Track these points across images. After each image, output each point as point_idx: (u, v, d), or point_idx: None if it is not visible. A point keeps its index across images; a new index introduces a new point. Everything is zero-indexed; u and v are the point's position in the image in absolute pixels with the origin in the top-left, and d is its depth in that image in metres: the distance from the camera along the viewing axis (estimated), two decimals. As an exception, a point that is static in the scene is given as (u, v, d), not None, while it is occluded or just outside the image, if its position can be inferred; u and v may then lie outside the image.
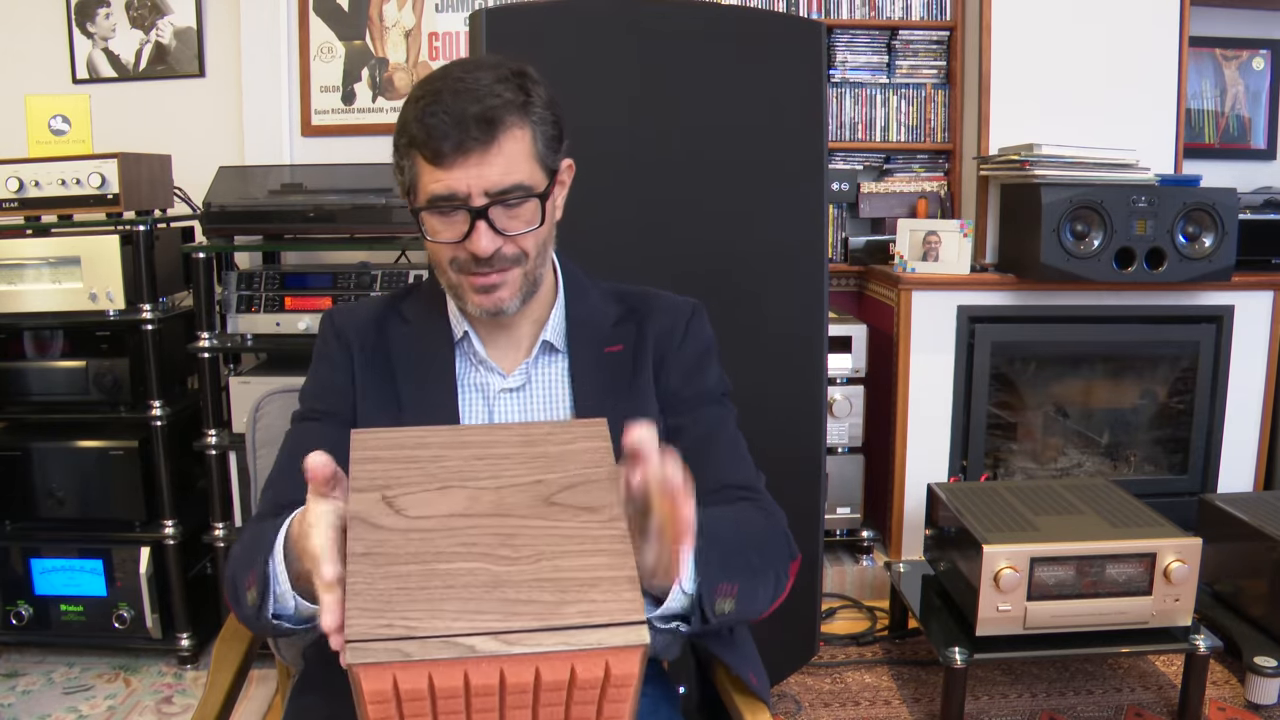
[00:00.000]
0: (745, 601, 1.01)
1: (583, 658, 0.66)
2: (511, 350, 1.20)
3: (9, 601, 2.40)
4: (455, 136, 1.02)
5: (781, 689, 2.28)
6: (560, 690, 0.67)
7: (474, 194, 1.05)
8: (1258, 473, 2.86)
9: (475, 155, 1.04)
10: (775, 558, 1.11)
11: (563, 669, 0.66)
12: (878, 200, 3.02)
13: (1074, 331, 2.76)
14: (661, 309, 1.23)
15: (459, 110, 1.02)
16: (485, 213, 1.05)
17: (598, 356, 1.18)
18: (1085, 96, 2.81)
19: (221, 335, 2.40)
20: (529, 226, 1.09)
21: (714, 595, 0.96)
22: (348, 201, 2.39)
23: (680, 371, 1.21)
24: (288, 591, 0.89)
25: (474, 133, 1.02)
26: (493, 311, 1.12)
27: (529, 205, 1.08)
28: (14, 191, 2.31)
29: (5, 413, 2.44)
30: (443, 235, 1.08)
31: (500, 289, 1.11)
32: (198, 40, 2.92)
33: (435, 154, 1.04)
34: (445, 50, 2.95)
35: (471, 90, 1.04)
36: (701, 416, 1.20)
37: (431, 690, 0.66)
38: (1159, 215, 2.57)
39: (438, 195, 1.05)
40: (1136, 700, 2.24)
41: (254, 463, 1.44)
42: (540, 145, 1.08)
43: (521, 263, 1.11)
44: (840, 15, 3.01)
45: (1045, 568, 2.06)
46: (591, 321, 1.21)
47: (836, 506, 2.76)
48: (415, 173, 1.07)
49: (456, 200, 1.05)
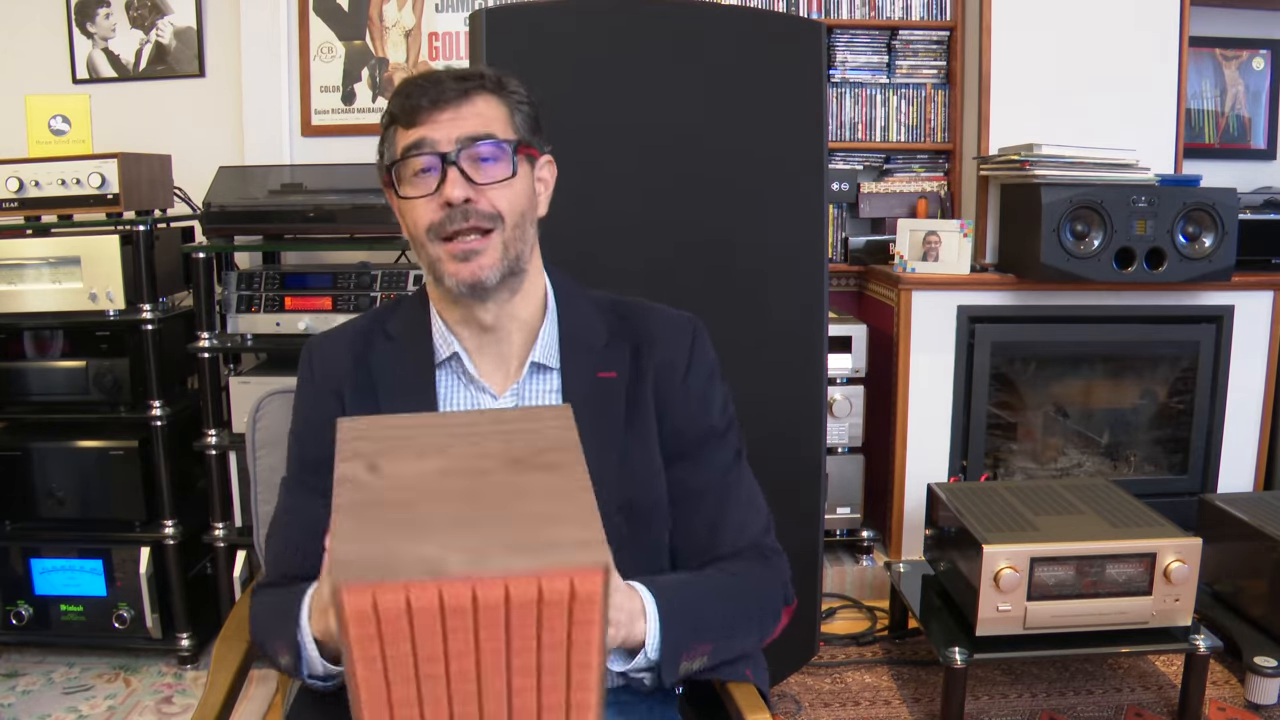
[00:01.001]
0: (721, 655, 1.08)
1: (549, 575, 0.71)
2: (501, 368, 1.17)
3: (9, 601, 2.40)
4: (432, 93, 1.06)
5: (781, 689, 2.28)
6: (530, 609, 0.72)
7: (444, 141, 1.06)
8: (1258, 473, 2.86)
9: (449, 110, 1.06)
10: (764, 607, 1.15)
11: (530, 587, 0.71)
12: (878, 200, 3.02)
13: (1074, 331, 2.76)
14: (659, 334, 1.19)
15: (435, 79, 1.07)
16: (457, 159, 1.06)
17: (590, 379, 1.15)
18: (1085, 96, 2.81)
19: (221, 335, 2.40)
20: (501, 177, 1.08)
21: (678, 660, 1.04)
22: (348, 201, 2.39)
23: (685, 411, 1.17)
24: (316, 658, 1.00)
25: (450, 85, 1.06)
26: (471, 284, 1.09)
27: (502, 161, 1.08)
28: (14, 191, 2.31)
29: (5, 413, 2.44)
30: (416, 190, 1.08)
31: (480, 256, 1.08)
32: (198, 40, 2.92)
33: (410, 113, 1.07)
34: (445, 50, 2.95)
35: (451, 71, 1.10)
36: (704, 464, 1.18)
37: (409, 609, 0.71)
38: (1159, 215, 2.57)
39: (409, 145, 1.07)
40: (1136, 700, 2.24)
41: (254, 463, 1.44)
42: (517, 120, 1.11)
43: (498, 226, 1.09)
44: (840, 15, 3.01)
45: (1045, 568, 2.06)
46: (583, 339, 1.18)
47: (836, 506, 2.76)
48: (394, 142, 1.09)
49: (426, 147, 1.06)
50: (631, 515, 1.11)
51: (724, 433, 1.20)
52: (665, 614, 1.03)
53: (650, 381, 1.16)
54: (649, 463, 1.15)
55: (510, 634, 0.74)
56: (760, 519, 1.20)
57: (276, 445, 1.42)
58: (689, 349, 1.19)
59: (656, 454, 1.16)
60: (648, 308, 1.23)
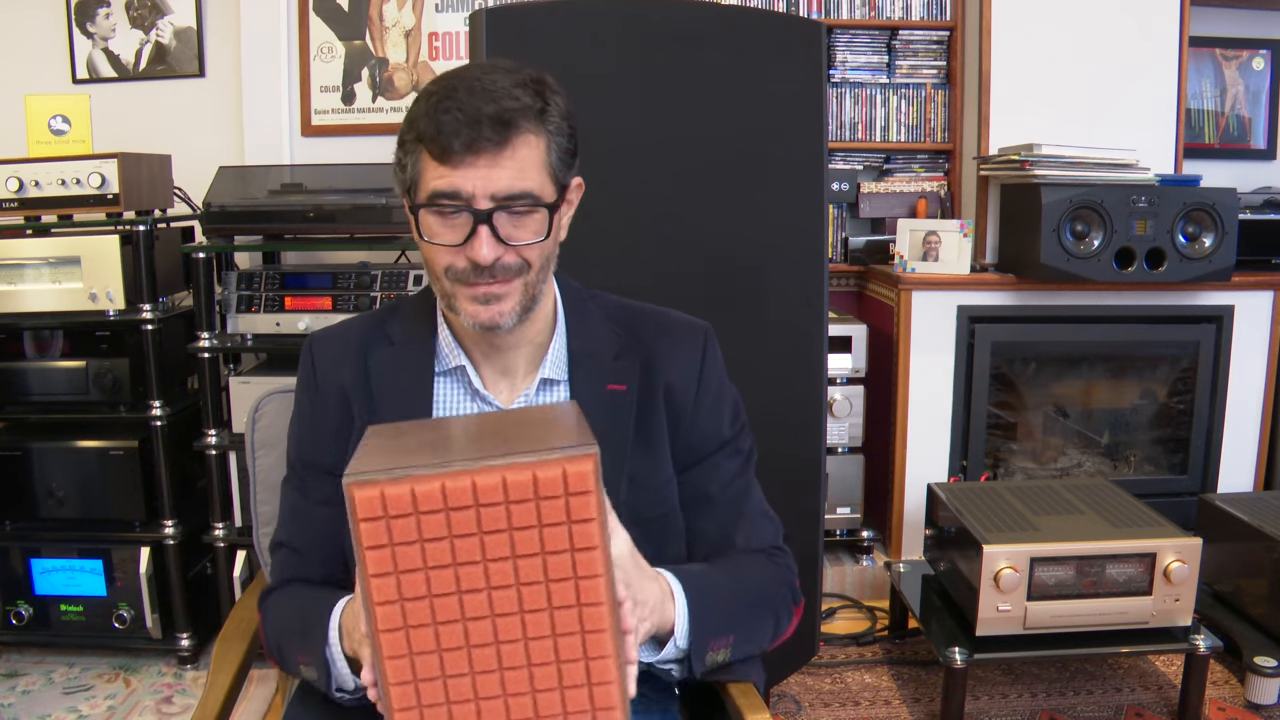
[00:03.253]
0: (741, 649, 1.10)
1: (543, 465, 0.78)
2: (507, 379, 1.15)
3: (9, 601, 2.40)
4: (467, 135, 0.97)
5: (781, 689, 2.28)
6: (528, 499, 0.78)
7: (479, 196, 0.99)
8: (1258, 473, 2.86)
9: (486, 157, 0.98)
10: (777, 604, 1.16)
11: (525, 474, 0.78)
12: (878, 200, 3.02)
13: (1074, 331, 2.76)
14: (670, 346, 1.16)
15: (473, 108, 0.98)
16: (489, 218, 1.00)
17: (600, 392, 1.13)
18: (1085, 96, 2.81)
19: (221, 335, 2.40)
20: (535, 238, 1.03)
21: (706, 650, 1.05)
22: (348, 201, 2.39)
23: (697, 423, 1.16)
24: (347, 675, 1.01)
25: (487, 133, 0.97)
26: (488, 326, 1.05)
27: (536, 216, 1.03)
28: (14, 191, 2.31)
29: (5, 413, 2.44)
30: (441, 237, 1.02)
31: (501, 301, 1.04)
32: (198, 40, 2.92)
33: (443, 150, 0.98)
34: (445, 50, 2.95)
35: (488, 90, 0.99)
36: (725, 478, 1.17)
37: (414, 500, 0.77)
38: (1159, 215, 2.56)
39: (440, 191, 1.00)
40: (1136, 700, 2.24)
41: (253, 463, 1.44)
42: (554, 157, 1.03)
43: (524, 274, 1.05)
44: (840, 15, 3.01)
45: (1045, 568, 2.05)
46: (593, 351, 1.15)
47: (836, 506, 2.76)
48: (419, 169, 1.02)
49: (460, 199, 0.99)
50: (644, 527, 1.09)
51: (734, 439, 1.19)
52: (694, 602, 1.04)
53: (661, 396, 1.14)
54: (658, 474, 1.15)
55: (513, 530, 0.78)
56: (770, 526, 1.20)
57: (276, 445, 1.42)
58: (700, 360, 1.17)
59: (668, 465, 1.15)
60: (659, 318, 1.20)
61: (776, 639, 1.17)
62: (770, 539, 1.19)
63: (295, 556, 1.16)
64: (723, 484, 1.17)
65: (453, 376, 1.15)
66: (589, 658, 0.81)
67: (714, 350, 1.19)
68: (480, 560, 0.78)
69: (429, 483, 0.76)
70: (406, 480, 0.76)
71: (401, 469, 0.77)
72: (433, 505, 0.76)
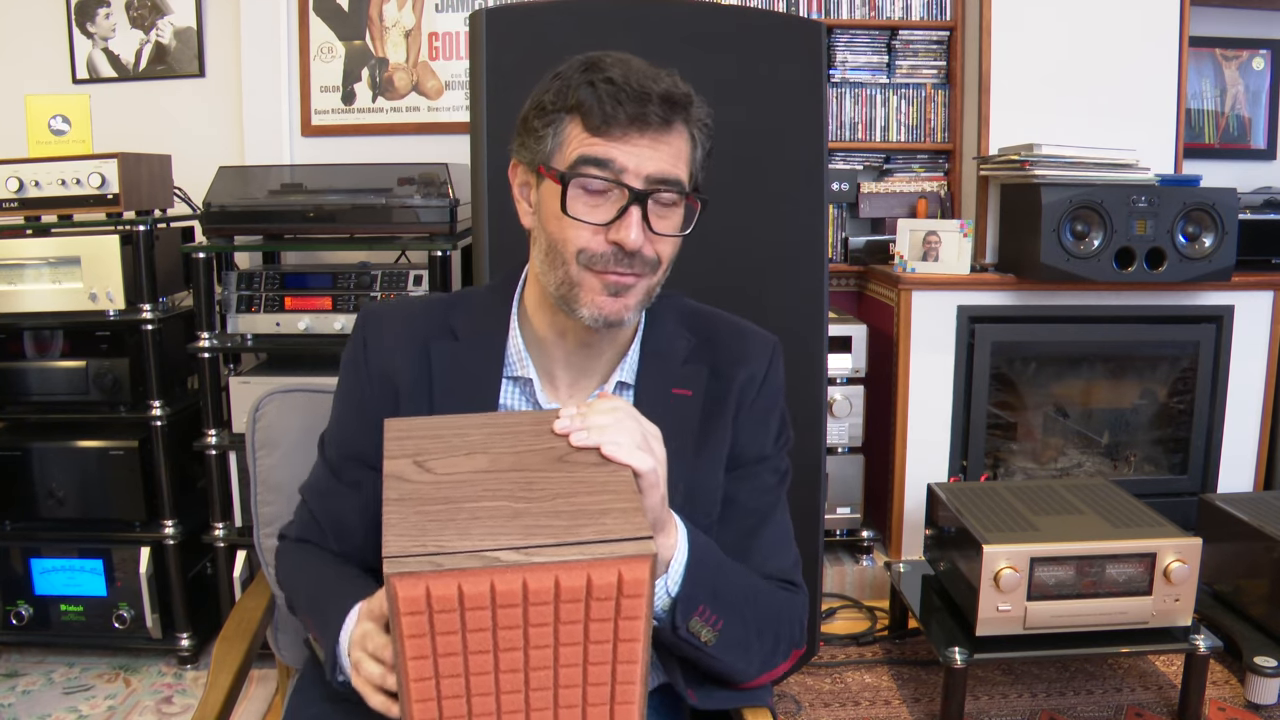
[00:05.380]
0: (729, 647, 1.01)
1: (598, 566, 0.74)
2: (582, 381, 1.10)
3: (9, 601, 2.40)
4: (632, 107, 0.92)
5: (781, 689, 2.28)
6: (578, 600, 0.74)
7: (634, 174, 0.94)
8: (1258, 473, 2.86)
9: (649, 135, 0.93)
10: (780, 628, 1.08)
11: (580, 576, 0.73)
12: (878, 200, 3.02)
13: (1074, 331, 2.76)
14: (741, 357, 1.12)
15: (641, 84, 0.93)
16: (645, 199, 0.94)
17: (665, 396, 1.08)
18: (1085, 96, 2.81)
19: (221, 335, 2.40)
20: (674, 231, 0.98)
21: (694, 610, 0.98)
22: (348, 201, 2.39)
23: (749, 428, 1.12)
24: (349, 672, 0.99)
25: (655, 109, 0.93)
26: (613, 321, 0.99)
27: (679, 210, 0.99)
28: (14, 191, 2.31)
29: (5, 413, 2.44)
30: (585, 213, 0.95)
31: (628, 294, 0.99)
32: (198, 40, 2.92)
33: (605, 119, 0.92)
34: (445, 50, 2.95)
35: (651, 73, 0.95)
36: (756, 489, 1.12)
37: (460, 599, 0.72)
38: (1159, 215, 2.57)
39: (592, 158, 0.93)
40: (1136, 700, 2.24)
41: (254, 463, 1.44)
42: (697, 156, 1.00)
43: (654, 271, 1.00)
44: (840, 15, 3.01)
45: (1045, 568, 2.06)
46: (664, 354, 1.10)
47: (836, 506, 2.76)
48: (563, 138, 0.95)
49: (612, 170, 0.93)
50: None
51: (773, 456, 1.15)
52: (699, 553, 0.98)
53: (731, 405, 1.10)
54: (712, 485, 1.10)
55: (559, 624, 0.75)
56: (790, 554, 1.15)
57: (276, 445, 1.42)
58: (765, 370, 1.13)
59: (721, 475, 1.11)
60: (732, 328, 1.16)
61: (769, 668, 1.09)
62: (786, 569, 1.13)
63: (316, 527, 1.16)
64: (752, 494, 1.13)
65: (519, 384, 1.10)
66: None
67: (778, 364, 1.15)
68: (521, 647, 0.76)
69: (478, 581, 0.72)
70: (453, 575, 0.71)
71: (448, 555, 0.72)
72: (479, 603, 0.73)
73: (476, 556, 0.72)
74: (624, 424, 0.88)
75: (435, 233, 2.36)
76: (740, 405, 1.11)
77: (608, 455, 0.85)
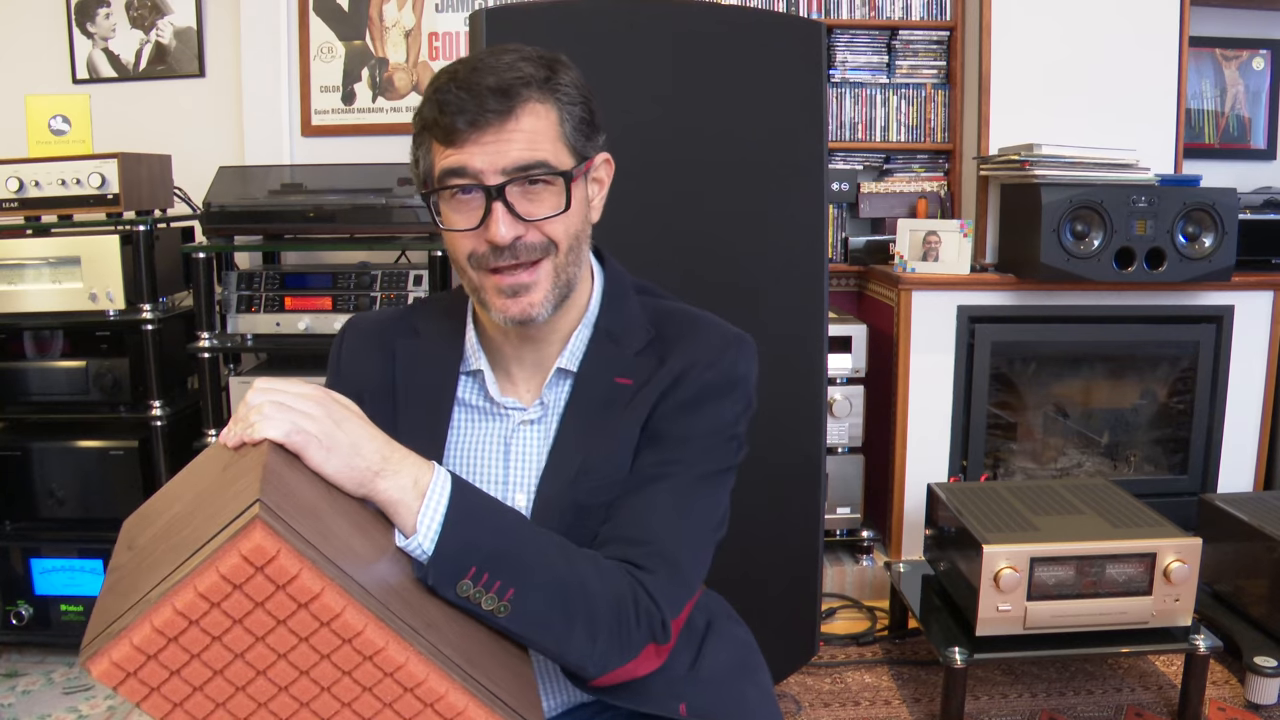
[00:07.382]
0: (528, 623, 0.90)
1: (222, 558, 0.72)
2: (537, 374, 1.09)
3: (9, 601, 2.40)
4: (470, 112, 0.93)
5: (781, 689, 2.28)
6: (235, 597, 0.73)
7: (488, 172, 0.95)
8: (1258, 473, 2.86)
9: (491, 131, 0.94)
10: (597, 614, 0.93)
11: (212, 578, 0.73)
12: (878, 200, 3.02)
13: (1074, 331, 2.76)
14: (691, 344, 1.07)
15: (474, 84, 0.94)
16: (502, 193, 0.95)
17: (606, 385, 1.06)
18: (1085, 96, 2.81)
19: (221, 335, 2.40)
20: (553, 211, 0.97)
21: (460, 571, 0.87)
22: (348, 201, 2.39)
23: (675, 404, 1.04)
24: None
25: (490, 104, 0.94)
26: (521, 320, 1.00)
27: (553, 188, 0.98)
28: (14, 191, 2.31)
29: (5, 413, 2.44)
30: (457, 223, 0.97)
31: (530, 291, 0.99)
32: (198, 40, 2.92)
33: (448, 131, 0.94)
34: (445, 50, 2.95)
35: (491, 67, 0.96)
36: (660, 460, 1.03)
37: (143, 652, 0.74)
38: (1159, 215, 2.57)
39: (449, 169, 0.95)
40: (1136, 700, 2.24)
41: (254, 463, 1.44)
42: (568, 127, 0.99)
43: (551, 254, 0.99)
44: (840, 15, 3.01)
45: (1045, 568, 2.05)
46: (613, 344, 1.09)
47: (836, 506, 2.76)
48: (430, 159, 0.98)
49: (467, 175, 0.95)
50: (580, 513, 1.03)
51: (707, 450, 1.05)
52: (458, 509, 0.88)
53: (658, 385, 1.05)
54: (615, 461, 1.04)
55: (237, 619, 0.74)
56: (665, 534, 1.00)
57: (276, 445, 1.41)
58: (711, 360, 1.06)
59: (628, 459, 1.04)
60: (690, 319, 1.12)
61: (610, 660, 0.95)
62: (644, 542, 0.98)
63: None
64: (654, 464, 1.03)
65: (474, 378, 1.11)
66: (410, 689, 0.79)
67: (737, 360, 1.08)
68: (261, 670, 0.76)
69: (141, 630, 0.72)
70: (123, 637, 0.73)
71: (115, 623, 0.74)
72: (156, 646, 0.73)
73: (135, 610, 0.73)
74: (258, 404, 0.85)
75: (435, 233, 2.36)
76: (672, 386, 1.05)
77: (246, 440, 0.84)
